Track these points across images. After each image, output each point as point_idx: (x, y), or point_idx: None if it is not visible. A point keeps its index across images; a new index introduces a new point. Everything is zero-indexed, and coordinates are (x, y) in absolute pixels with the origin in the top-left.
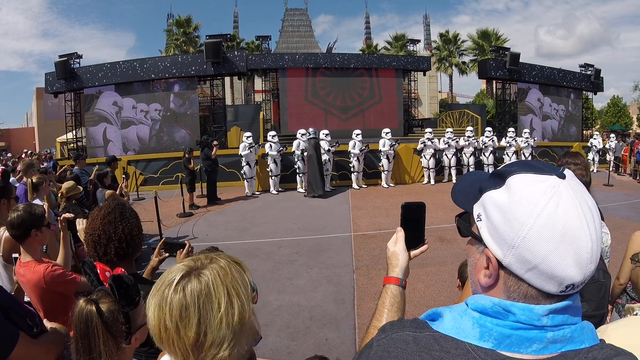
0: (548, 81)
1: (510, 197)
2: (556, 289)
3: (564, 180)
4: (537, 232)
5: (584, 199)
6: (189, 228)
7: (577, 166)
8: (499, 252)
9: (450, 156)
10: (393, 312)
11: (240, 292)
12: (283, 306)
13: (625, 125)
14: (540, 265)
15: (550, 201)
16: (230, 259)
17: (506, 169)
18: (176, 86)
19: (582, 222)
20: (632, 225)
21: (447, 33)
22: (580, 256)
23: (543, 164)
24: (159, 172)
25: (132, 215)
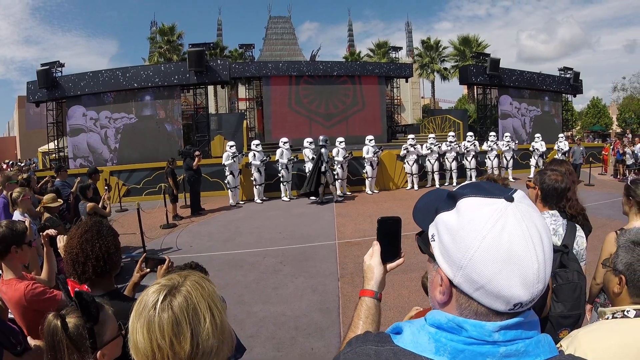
0: (528, 85)
1: (459, 219)
2: (504, 307)
3: (512, 203)
4: (483, 254)
5: (532, 221)
6: (173, 239)
7: (553, 172)
8: (450, 272)
9: (433, 161)
10: (368, 323)
11: (218, 303)
12: (268, 317)
13: (605, 126)
14: (486, 285)
15: (496, 224)
16: (201, 275)
17: (459, 191)
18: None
19: (528, 244)
20: (613, 223)
21: (429, 40)
22: (526, 277)
23: (495, 187)
24: (142, 182)
25: (109, 233)
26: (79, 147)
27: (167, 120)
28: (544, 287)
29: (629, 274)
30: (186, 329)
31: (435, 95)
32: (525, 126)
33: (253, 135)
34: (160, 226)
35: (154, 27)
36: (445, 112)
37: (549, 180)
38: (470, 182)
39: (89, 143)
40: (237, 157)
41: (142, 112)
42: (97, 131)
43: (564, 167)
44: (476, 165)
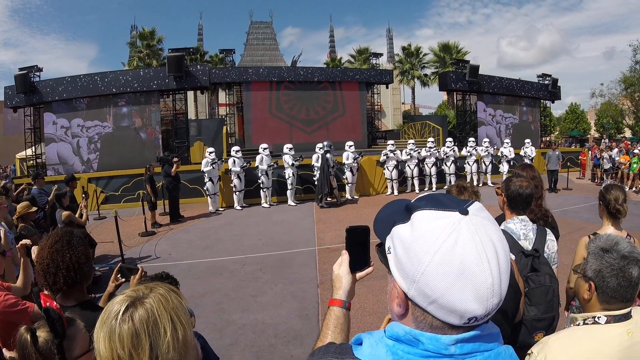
0: (507, 91)
1: (412, 233)
2: (458, 321)
3: (466, 216)
4: (435, 268)
5: (487, 234)
6: (152, 248)
7: (518, 178)
8: (404, 285)
9: (413, 167)
10: (337, 333)
11: (182, 317)
12: (247, 325)
13: (583, 131)
14: (439, 300)
15: (449, 238)
16: (169, 287)
17: (414, 203)
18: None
19: (481, 258)
20: (590, 227)
21: (410, 46)
22: (479, 292)
23: (450, 199)
24: (121, 189)
25: (80, 243)
26: (50, 156)
27: (145, 126)
28: (499, 301)
29: (598, 281)
30: (145, 341)
31: (415, 101)
32: (503, 132)
33: (233, 141)
34: (139, 234)
35: (134, 32)
36: (425, 118)
37: (514, 186)
38: (427, 194)
39: (60, 152)
40: (217, 163)
41: (120, 118)
42: (69, 140)
43: (526, 172)
44: (455, 171)
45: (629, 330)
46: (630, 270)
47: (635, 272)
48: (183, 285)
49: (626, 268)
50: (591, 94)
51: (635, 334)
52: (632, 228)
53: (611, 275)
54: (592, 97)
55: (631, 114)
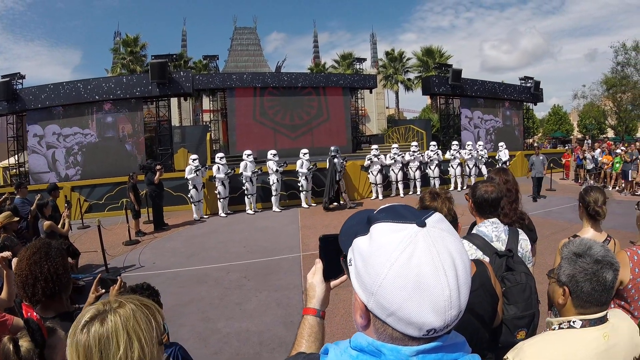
0: (490, 95)
1: (370, 245)
2: (417, 333)
3: (424, 228)
4: (391, 281)
5: (445, 246)
6: (136, 257)
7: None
8: (364, 297)
9: (397, 171)
10: (310, 342)
11: (142, 335)
12: (232, 333)
13: (566, 132)
14: (397, 312)
15: (405, 251)
16: (141, 302)
17: (374, 215)
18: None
19: (438, 270)
20: (574, 227)
21: (393, 51)
22: (436, 304)
23: (410, 211)
24: (104, 198)
25: (58, 254)
26: (33, 165)
27: (128, 133)
28: (458, 313)
29: (572, 286)
30: (95, 355)
31: (399, 105)
32: (486, 135)
33: (217, 148)
34: (123, 243)
35: (117, 38)
36: (409, 122)
37: (479, 192)
38: (388, 206)
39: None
40: (200, 170)
41: (103, 126)
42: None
43: (499, 176)
44: (439, 174)
45: (605, 334)
46: (604, 274)
47: (609, 276)
48: (167, 294)
49: (600, 272)
50: (573, 96)
51: (612, 337)
52: (615, 227)
53: (585, 280)
54: (575, 98)
55: (613, 115)
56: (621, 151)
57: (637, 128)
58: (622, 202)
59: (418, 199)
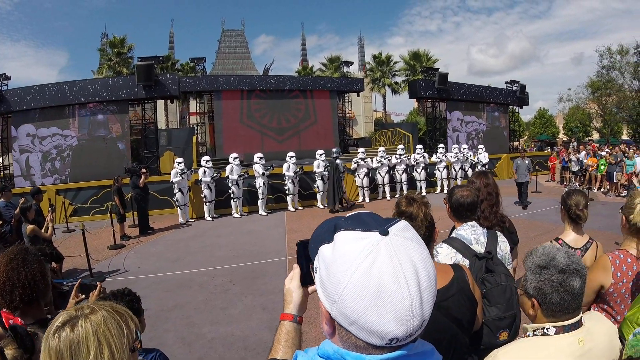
0: (476, 98)
1: (333, 253)
2: (379, 342)
3: (386, 237)
4: (352, 290)
5: (408, 254)
6: (120, 261)
7: (460, 188)
8: (328, 305)
9: (384, 174)
10: (287, 347)
11: (112, 342)
12: (217, 338)
13: (552, 135)
14: (358, 321)
15: (366, 259)
16: (113, 308)
17: (340, 222)
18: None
19: (400, 280)
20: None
21: (380, 55)
22: (398, 313)
23: (375, 219)
24: (89, 201)
25: (35, 261)
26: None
27: (114, 136)
28: (421, 322)
29: (540, 298)
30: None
31: (387, 108)
32: (472, 138)
33: (204, 151)
34: (108, 247)
35: (104, 39)
36: (396, 126)
37: (455, 197)
38: (355, 213)
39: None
40: (186, 173)
41: (89, 128)
42: (36, 150)
43: (479, 180)
44: (426, 177)
45: (580, 339)
46: (571, 283)
47: (576, 283)
48: (152, 299)
49: (567, 282)
50: (559, 99)
51: (587, 342)
52: (601, 229)
53: (552, 292)
54: (560, 101)
55: (598, 118)
56: (606, 153)
57: (622, 131)
58: (607, 203)
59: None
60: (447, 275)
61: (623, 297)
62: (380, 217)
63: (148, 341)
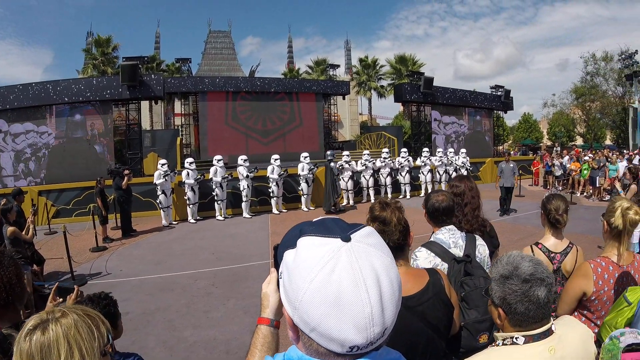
0: (461, 103)
1: (295, 259)
2: (340, 349)
3: (348, 243)
4: (311, 296)
5: (370, 262)
6: (102, 264)
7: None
8: (290, 311)
9: (368, 177)
10: (263, 351)
11: (82, 345)
12: (199, 342)
13: (536, 140)
14: (318, 328)
15: (326, 266)
16: (84, 312)
17: (303, 227)
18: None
19: (359, 287)
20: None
21: (367, 58)
22: (357, 321)
23: (338, 224)
24: (72, 203)
25: (11, 264)
26: None
27: (98, 136)
28: (382, 330)
29: (505, 308)
30: None
31: (372, 112)
32: (456, 142)
33: (189, 152)
34: (90, 249)
35: (89, 38)
36: (381, 129)
37: (431, 202)
38: (319, 219)
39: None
40: (169, 175)
41: (72, 128)
42: (8, 150)
43: (463, 184)
44: (410, 181)
45: (550, 347)
46: (535, 292)
47: (541, 292)
48: (134, 302)
49: (530, 292)
50: (543, 104)
51: (559, 350)
52: (583, 232)
53: (516, 302)
54: (545, 107)
55: (582, 123)
56: (589, 158)
57: (606, 136)
58: (589, 207)
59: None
60: (422, 279)
61: (604, 305)
62: (345, 223)
63: (130, 345)
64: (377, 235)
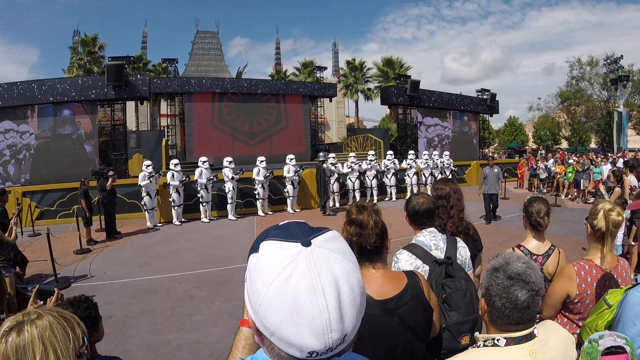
0: (447, 106)
1: (256, 263)
2: (300, 354)
3: (308, 248)
4: (269, 301)
5: (329, 267)
6: (86, 266)
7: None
8: (252, 315)
9: (354, 180)
10: (245, 353)
11: (57, 347)
12: (183, 345)
13: (521, 143)
14: (276, 332)
15: (284, 271)
16: (60, 314)
17: (269, 231)
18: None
19: (317, 293)
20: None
21: (354, 60)
22: (314, 327)
23: (301, 229)
24: (56, 204)
25: None
26: None
27: (83, 137)
28: (342, 336)
29: (487, 299)
30: None
31: (359, 114)
32: (442, 144)
33: (174, 153)
34: (74, 252)
35: (76, 37)
36: (368, 131)
37: (411, 205)
38: (285, 223)
39: None
40: (154, 177)
41: (56, 128)
42: None
43: (448, 186)
44: (396, 183)
45: (532, 350)
46: (514, 292)
47: (521, 295)
48: (118, 305)
49: (510, 289)
50: (529, 108)
51: (540, 354)
52: (568, 234)
53: (496, 295)
54: (530, 110)
55: (567, 126)
56: (573, 161)
57: (591, 139)
58: (574, 210)
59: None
60: (400, 282)
61: (587, 307)
62: (309, 227)
63: (113, 348)
64: (341, 240)
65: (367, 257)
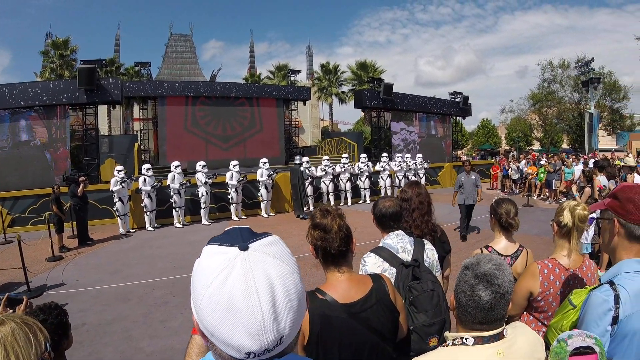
0: (420, 109)
1: (197, 266)
2: (237, 355)
3: (244, 252)
4: (207, 303)
5: (264, 270)
6: (59, 274)
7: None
8: (195, 317)
9: (328, 183)
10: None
11: (19, 352)
12: (156, 352)
13: (494, 144)
14: (215, 333)
15: (221, 274)
16: (22, 320)
17: (214, 236)
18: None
19: (251, 295)
20: None
21: (328, 64)
22: (249, 328)
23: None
24: (28, 211)
25: None
26: None
27: (53, 142)
28: (278, 338)
29: (455, 294)
30: None
31: (333, 117)
32: (414, 147)
33: (147, 158)
34: (46, 259)
35: (48, 39)
36: (342, 135)
37: (378, 208)
38: (230, 228)
39: None
40: (126, 182)
41: (26, 133)
42: None
43: (411, 190)
44: (370, 186)
45: (499, 350)
46: (479, 291)
47: (485, 295)
48: (90, 313)
49: (475, 288)
50: (501, 110)
51: (507, 354)
52: (539, 234)
53: (462, 292)
54: (503, 112)
55: (539, 128)
56: (545, 162)
57: (563, 140)
58: (545, 209)
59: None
60: (365, 286)
61: (550, 306)
62: (251, 232)
63: (86, 356)
64: (280, 244)
65: (332, 261)
